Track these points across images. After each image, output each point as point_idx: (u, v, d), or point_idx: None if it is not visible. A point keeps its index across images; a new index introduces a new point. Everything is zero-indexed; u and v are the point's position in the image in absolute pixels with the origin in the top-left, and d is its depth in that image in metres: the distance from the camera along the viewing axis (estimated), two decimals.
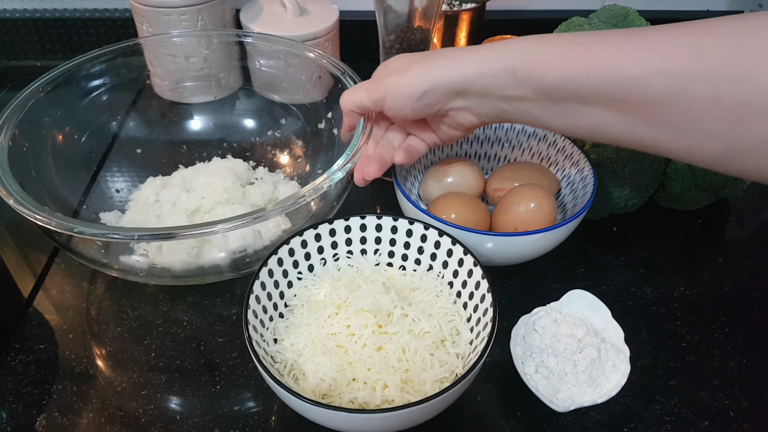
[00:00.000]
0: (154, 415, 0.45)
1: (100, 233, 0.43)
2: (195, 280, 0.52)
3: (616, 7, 0.61)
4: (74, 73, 0.60)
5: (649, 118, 0.36)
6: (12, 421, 0.45)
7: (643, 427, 0.45)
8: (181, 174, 0.63)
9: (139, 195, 0.61)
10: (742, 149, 0.34)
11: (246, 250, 0.52)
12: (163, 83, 0.69)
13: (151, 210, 0.59)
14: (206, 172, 0.62)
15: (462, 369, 0.42)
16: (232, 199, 0.59)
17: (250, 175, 0.64)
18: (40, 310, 0.53)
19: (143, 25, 0.71)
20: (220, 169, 0.61)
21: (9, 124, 0.53)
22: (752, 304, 0.54)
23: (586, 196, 0.53)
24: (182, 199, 0.58)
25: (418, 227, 0.49)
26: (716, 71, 0.32)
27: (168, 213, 0.58)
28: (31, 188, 0.48)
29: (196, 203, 0.58)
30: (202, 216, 0.57)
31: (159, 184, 0.62)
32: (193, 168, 0.64)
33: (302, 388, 0.42)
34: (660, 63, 0.34)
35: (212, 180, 0.59)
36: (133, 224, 0.58)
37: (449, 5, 0.74)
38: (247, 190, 0.61)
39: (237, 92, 0.71)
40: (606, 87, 0.36)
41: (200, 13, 0.69)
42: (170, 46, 0.67)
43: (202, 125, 0.71)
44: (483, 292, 0.44)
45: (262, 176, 0.64)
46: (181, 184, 0.61)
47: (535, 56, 0.39)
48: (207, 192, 0.58)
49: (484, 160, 0.64)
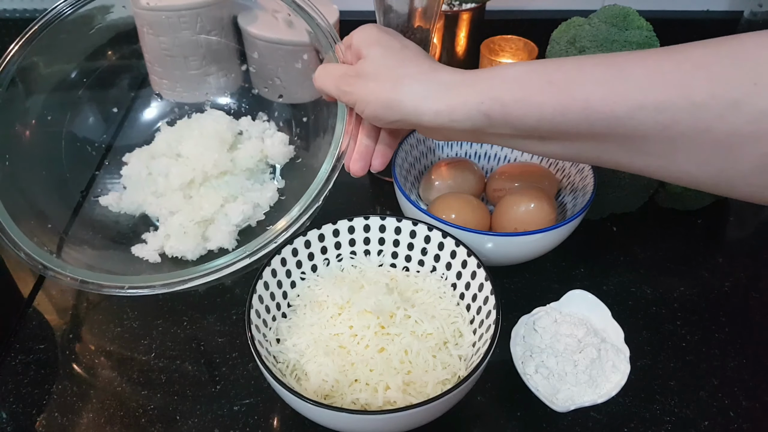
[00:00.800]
0: (154, 415, 0.45)
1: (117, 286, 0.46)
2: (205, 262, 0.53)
3: (616, 7, 0.61)
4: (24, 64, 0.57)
5: (636, 149, 0.35)
6: (12, 421, 0.45)
7: (643, 427, 0.45)
8: (165, 138, 0.61)
9: (130, 170, 0.60)
10: (731, 176, 0.33)
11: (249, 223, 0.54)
12: (162, 81, 0.69)
13: (147, 187, 0.58)
14: (189, 134, 0.60)
15: (464, 371, 0.42)
16: (224, 169, 0.58)
17: (234, 128, 0.62)
18: (40, 310, 0.53)
19: (142, 28, 0.71)
20: (204, 132, 0.59)
21: None
22: (752, 304, 0.54)
23: (586, 196, 0.53)
24: (173, 171, 0.57)
25: (422, 228, 0.49)
26: (703, 103, 0.31)
27: (163, 188, 0.58)
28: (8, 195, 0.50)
29: (189, 175, 0.57)
30: (198, 189, 0.57)
31: (146, 154, 0.61)
32: (176, 129, 0.62)
33: (304, 388, 0.42)
34: (643, 97, 0.33)
35: (199, 150, 0.58)
36: (134, 205, 0.59)
37: (449, 5, 0.73)
38: (237, 156, 0.59)
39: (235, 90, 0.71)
40: (587, 125, 0.35)
41: (199, 15, 0.69)
42: (168, 45, 0.66)
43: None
44: (486, 293, 0.44)
45: (247, 128, 0.62)
46: (167, 152, 0.60)
47: (511, 97, 0.37)
48: (197, 163, 0.57)
49: (484, 160, 0.64)
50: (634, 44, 0.58)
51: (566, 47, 0.62)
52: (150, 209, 0.58)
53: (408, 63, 0.41)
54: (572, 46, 0.61)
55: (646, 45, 0.58)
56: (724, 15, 0.87)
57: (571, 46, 0.62)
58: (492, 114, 0.37)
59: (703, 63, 0.32)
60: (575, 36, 0.61)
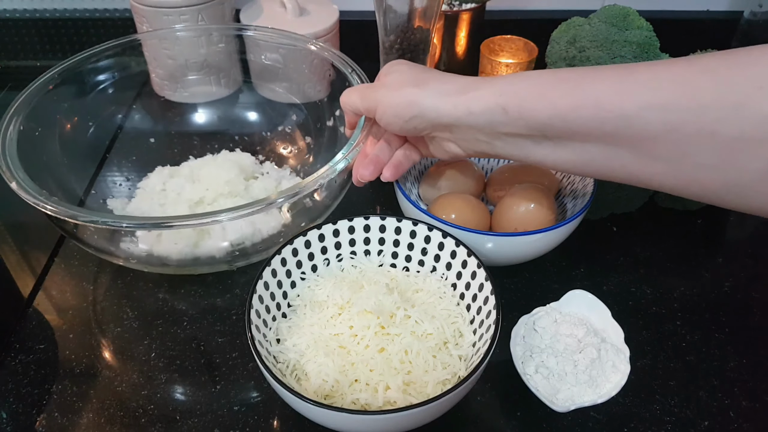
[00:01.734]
0: (154, 415, 0.45)
1: (94, 219, 0.44)
2: (188, 270, 0.53)
3: (616, 7, 0.61)
4: (81, 67, 0.61)
5: (643, 152, 0.36)
6: (12, 421, 0.45)
7: (643, 427, 0.45)
8: (190, 165, 0.64)
9: (147, 183, 0.63)
10: (739, 184, 0.34)
11: (244, 242, 0.52)
12: (163, 82, 0.69)
13: (156, 199, 0.60)
14: (213, 163, 0.63)
15: (464, 371, 0.42)
16: (235, 192, 0.59)
17: (256, 169, 0.65)
18: (40, 310, 0.53)
19: (143, 26, 0.71)
20: (226, 162, 0.62)
21: (18, 115, 0.54)
22: (752, 304, 0.54)
23: (586, 196, 0.53)
24: (187, 189, 0.59)
25: (422, 228, 0.49)
26: (709, 105, 0.32)
27: (172, 202, 0.59)
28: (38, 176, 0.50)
29: (200, 194, 0.59)
30: (204, 207, 0.58)
31: (167, 173, 0.63)
32: (202, 159, 0.65)
33: (304, 388, 0.42)
34: (652, 98, 0.34)
35: (217, 172, 0.60)
36: (138, 212, 0.60)
37: (449, 5, 0.74)
38: (251, 184, 0.61)
39: (241, 87, 0.72)
40: (597, 123, 0.36)
41: (200, 12, 0.69)
42: (170, 44, 0.67)
43: (214, 118, 0.72)
44: (486, 294, 0.44)
45: (269, 171, 0.65)
46: (188, 175, 0.62)
47: (528, 92, 0.39)
48: (211, 183, 0.59)
49: (484, 160, 0.64)
50: (634, 44, 0.58)
51: (566, 47, 0.62)
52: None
53: (431, 72, 0.45)
54: (572, 46, 0.61)
55: (646, 45, 0.58)
56: (724, 15, 0.87)
57: (571, 46, 0.62)
58: (508, 107, 0.39)
59: (709, 67, 0.33)
60: (575, 36, 0.61)
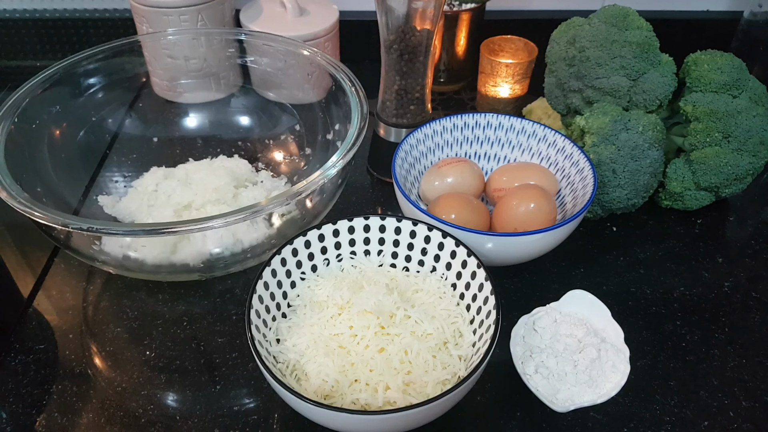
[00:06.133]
0: (154, 415, 0.45)
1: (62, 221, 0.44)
2: (163, 276, 0.53)
3: (616, 7, 0.61)
4: (72, 71, 0.61)
5: None
6: (12, 421, 0.45)
7: (643, 427, 0.45)
8: (186, 167, 0.64)
9: (141, 183, 0.62)
10: None
11: (223, 253, 0.51)
12: (162, 82, 0.69)
13: (146, 199, 0.59)
14: (208, 168, 0.62)
15: (464, 371, 0.42)
16: (222, 200, 0.59)
17: (250, 177, 0.64)
18: (40, 310, 0.53)
19: (143, 26, 0.71)
20: (220, 168, 0.61)
21: (6, 120, 0.53)
22: (752, 304, 0.54)
23: (586, 196, 0.53)
24: (177, 192, 0.59)
25: (422, 228, 0.49)
26: None
27: (161, 204, 0.58)
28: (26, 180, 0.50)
29: (189, 198, 0.58)
30: (191, 212, 0.58)
31: (161, 174, 0.62)
32: (199, 163, 0.65)
33: (304, 388, 0.42)
34: None
35: (209, 178, 0.60)
36: (126, 211, 0.59)
37: (449, 5, 0.74)
38: (240, 193, 0.60)
39: (238, 91, 0.72)
40: None
41: (200, 13, 0.69)
42: (168, 46, 0.67)
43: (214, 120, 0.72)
44: (486, 294, 0.44)
45: (263, 180, 0.64)
46: (182, 178, 0.61)
47: None
48: (200, 189, 0.59)
49: (484, 160, 0.64)
50: (634, 44, 0.58)
51: (566, 47, 0.62)
52: (139, 218, 0.58)
53: None
54: (572, 46, 0.61)
55: (645, 45, 0.58)
56: (724, 15, 0.87)
57: (571, 46, 0.62)
58: None
59: None
60: (575, 36, 0.61)
